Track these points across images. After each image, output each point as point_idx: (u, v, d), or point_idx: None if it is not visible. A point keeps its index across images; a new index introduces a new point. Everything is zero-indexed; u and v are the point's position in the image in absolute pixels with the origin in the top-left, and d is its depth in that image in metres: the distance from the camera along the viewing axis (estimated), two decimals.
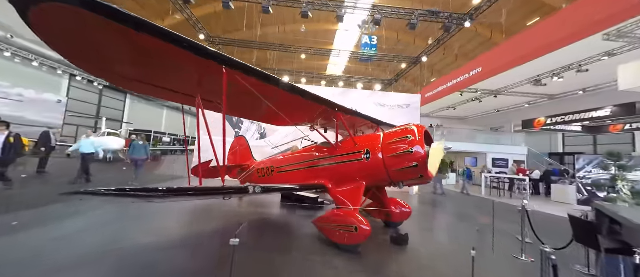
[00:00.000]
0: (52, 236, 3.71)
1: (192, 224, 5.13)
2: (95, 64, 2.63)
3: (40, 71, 19.06)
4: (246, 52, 27.74)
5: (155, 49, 2.40)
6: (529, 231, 4.34)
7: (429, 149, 3.99)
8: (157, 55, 2.54)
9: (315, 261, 3.45)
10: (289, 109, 4.20)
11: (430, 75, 26.93)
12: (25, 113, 17.11)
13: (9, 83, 16.08)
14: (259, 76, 3.05)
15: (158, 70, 2.80)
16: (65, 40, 2.23)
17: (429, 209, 8.20)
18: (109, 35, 2.16)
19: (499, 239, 4.55)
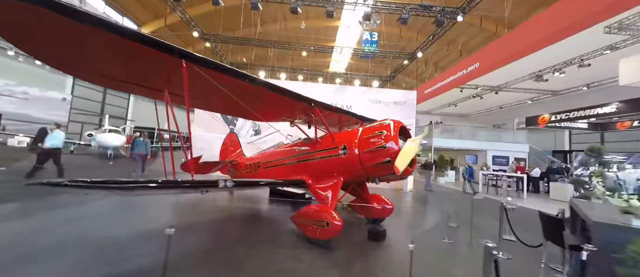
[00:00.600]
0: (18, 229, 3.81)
1: (175, 216, 5.18)
2: (59, 60, 2.66)
3: (43, 69, 19.49)
4: (245, 49, 27.84)
5: (113, 44, 2.42)
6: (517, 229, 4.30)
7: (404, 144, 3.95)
8: (117, 51, 2.56)
9: (285, 254, 3.46)
10: (264, 104, 4.20)
11: (434, 71, 26.59)
12: (30, 111, 17.60)
13: (13, 81, 16.51)
14: (220, 69, 3.05)
15: (123, 65, 2.82)
16: (25, 37, 2.26)
17: (419, 207, 8.13)
18: (62, 29, 2.18)
19: (478, 236, 4.47)
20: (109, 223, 4.38)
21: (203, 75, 2.97)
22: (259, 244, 3.82)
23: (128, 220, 4.65)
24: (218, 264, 3.07)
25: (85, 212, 4.81)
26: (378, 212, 5.23)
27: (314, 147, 4.90)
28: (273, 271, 2.97)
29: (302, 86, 12.21)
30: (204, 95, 3.49)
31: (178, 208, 5.75)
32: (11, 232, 3.59)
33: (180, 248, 3.47)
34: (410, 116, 11.51)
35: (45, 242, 3.35)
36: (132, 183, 2.71)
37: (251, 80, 3.38)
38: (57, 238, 3.50)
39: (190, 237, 3.96)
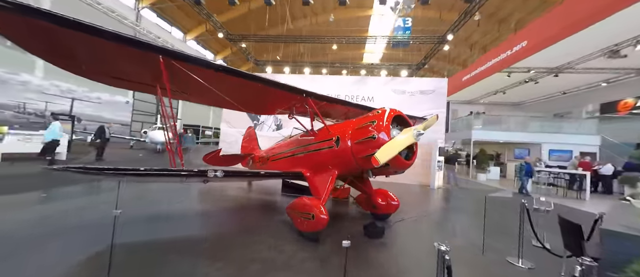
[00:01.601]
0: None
1: (183, 202, 5.60)
2: (59, 60, 3.04)
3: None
4: (277, 47, 28.59)
5: (99, 44, 2.69)
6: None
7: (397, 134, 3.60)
8: (104, 50, 2.84)
9: (269, 245, 3.48)
10: (256, 97, 4.25)
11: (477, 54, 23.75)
12: (102, 113, 21.11)
13: (88, 88, 19.86)
14: (198, 63, 3.16)
15: (113, 63, 3.12)
16: (27, 40, 2.66)
17: (441, 205, 7.41)
18: (51, 33, 2.50)
19: (509, 241, 3.85)
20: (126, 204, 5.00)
21: (184, 70, 3.12)
22: (248, 233, 3.93)
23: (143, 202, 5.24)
24: (199, 250, 3.24)
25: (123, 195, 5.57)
26: (382, 208, 4.92)
27: (310, 139, 4.81)
28: (248, 260, 3.02)
29: (314, 79, 12.10)
30: (194, 89, 3.67)
31: (193, 196, 6.24)
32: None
33: (171, 233, 3.77)
34: (439, 106, 10.50)
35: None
36: (122, 170, 3.02)
37: (232, 72, 3.43)
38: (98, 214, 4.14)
39: (186, 223, 4.28)
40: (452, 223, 5.40)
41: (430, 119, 3.96)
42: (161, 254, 3.08)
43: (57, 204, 4.78)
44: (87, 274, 2.59)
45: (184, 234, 3.81)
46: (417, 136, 3.55)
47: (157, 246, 3.34)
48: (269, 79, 3.81)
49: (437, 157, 9.71)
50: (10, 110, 15.38)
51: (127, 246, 3.08)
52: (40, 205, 4.64)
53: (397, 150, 3.33)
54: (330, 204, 6.18)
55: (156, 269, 2.72)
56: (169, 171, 3.42)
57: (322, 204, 3.77)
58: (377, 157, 3.18)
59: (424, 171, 10.21)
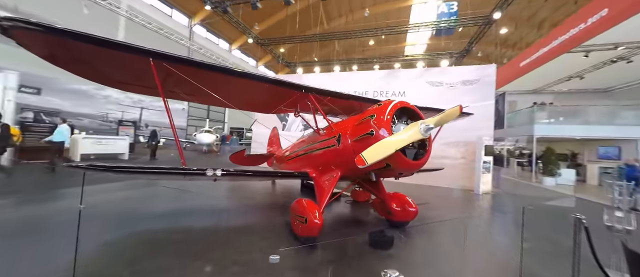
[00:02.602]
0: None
1: (199, 199, 5.89)
2: (71, 67, 3.42)
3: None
4: (312, 49, 28.81)
5: (95, 51, 2.94)
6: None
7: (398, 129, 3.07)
8: (102, 56, 3.09)
9: (259, 247, 3.32)
10: (255, 95, 4.17)
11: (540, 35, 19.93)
12: (165, 119, 24.53)
13: (153, 98, 23.28)
14: (188, 63, 3.19)
15: (114, 68, 3.39)
16: (41, 50, 3.04)
17: (480, 214, 6.25)
18: (61, 44, 2.81)
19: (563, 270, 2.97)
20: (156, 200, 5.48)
21: (174, 70, 3.20)
22: (245, 233, 3.86)
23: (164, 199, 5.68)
24: (186, 247, 3.26)
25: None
26: (397, 214, 4.34)
27: (316, 138, 4.54)
28: (230, 261, 2.91)
29: (341, 77, 11.57)
30: (195, 90, 3.77)
31: (214, 193, 6.54)
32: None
33: (170, 227, 3.92)
34: (485, 98, 9.04)
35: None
36: (118, 167, 3.25)
37: (220, 70, 3.40)
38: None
39: (189, 218, 4.45)
40: (487, 238, 4.45)
41: (448, 111, 3.29)
42: (146, 248, 3.20)
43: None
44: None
45: (181, 229, 3.94)
46: (425, 131, 2.97)
47: (146, 240, 3.50)
48: (261, 76, 3.67)
49: (483, 157, 8.33)
50: (97, 119, 19.15)
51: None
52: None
53: (391, 148, 2.81)
54: (347, 208, 5.79)
55: (130, 263, 2.81)
56: (167, 170, 3.58)
57: (318, 209, 3.46)
58: (363, 157, 2.74)
59: (467, 173, 8.91)
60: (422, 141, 3.35)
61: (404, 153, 3.14)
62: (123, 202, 5.30)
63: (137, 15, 20.03)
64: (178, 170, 3.59)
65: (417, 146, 3.46)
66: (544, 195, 9.20)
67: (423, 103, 6.19)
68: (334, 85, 11.11)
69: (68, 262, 2.34)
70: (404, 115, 3.51)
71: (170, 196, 6.14)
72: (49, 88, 16.84)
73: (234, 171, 3.94)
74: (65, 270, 2.37)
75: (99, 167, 3.11)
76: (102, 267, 2.74)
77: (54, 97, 17.59)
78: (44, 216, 4.23)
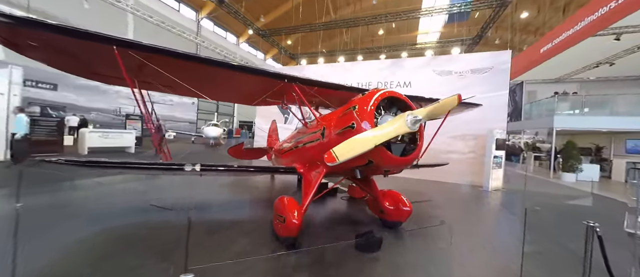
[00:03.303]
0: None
1: (190, 193, 5.81)
2: (38, 56, 3.29)
3: None
4: (325, 38, 28.10)
5: (63, 41, 2.79)
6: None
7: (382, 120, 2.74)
8: (72, 47, 2.94)
9: (233, 245, 3.15)
10: (236, 85, 3.93)
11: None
12: (174, 113, 25.05)
13: (160, 92, 23.75)
14: (154, 51, 2.97)
15: (87, 58, 3.24)
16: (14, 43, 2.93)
17: (486, 214, 5.80)
18: (22, 33, 2.68)
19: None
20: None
21: (147, 60, 3.00)
22: (225, 229, 3.69)
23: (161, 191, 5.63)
24: (156, 244, 3.13)
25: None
26: (390, 213, 4.03)
27: (304, 132, 4.27)
28: (195, 262, 2.74)
29: (344, 67, 11.04)
30: (169, 81, 3.58)
31: (208, 187, 6.46)
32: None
33: (141, 221, 3.80)
34: (498, 87, 8.38)
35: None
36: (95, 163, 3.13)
37: (196, 60, 3.17)
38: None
39: (170, 214, 4.35)
40: (490, 241, 4.05)
41: (444, 102, 2.91)
42: (117, 245, 3.09)
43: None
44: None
45: (155, 224, 3.82)
46: (412, 124, 2.62)
47: (118, 236, 3.39)
48: (239, 65, 3.40)
49: (494, 151, 7.76)
50: (110, 114, 19.79)
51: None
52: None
53: (370, 144, 2.48)
54: (342, 205, 5.52)
55: (96, 261, 2.70)
56: (141, 165, 3.45)
57: (299, 208, 3.22)
58: (334, 154, 2.43)
59: (476, 168, 8.37)
60: (412, 134, 3.01)
61: (389, 148, 2.82)
62: (110, 196, 5.31)
63: (143, 11, 20.21)
64: (154, 165, 3.46)
65: (408, 140, 3.12)
66: (560, 193, 8.52)
67: (431, 94, 5.77)
68: (336, 76, 10.76)
69: (21, 261, 2.23)
70: (393, 106, 3.16)
71: (163, 188, 6.13)
72: (65, 84, 17.48)
73: (213, 166, 3.76)
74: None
75: (67, 162, 2.98)
76: (67, 267, 2.65)
77: (69, 92, 18.28)
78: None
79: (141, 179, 6.92)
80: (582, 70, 16.26)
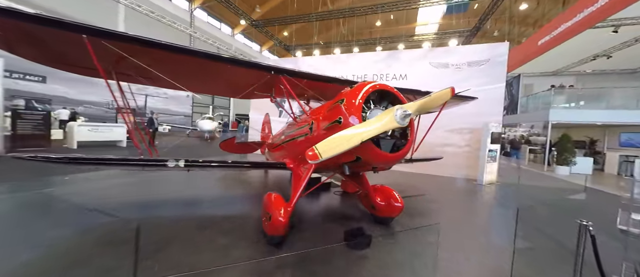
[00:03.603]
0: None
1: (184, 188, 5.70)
2: (17, 49, 3.11)
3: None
4: (311, 31, 27.55)
5: (39, 31, 2.61)
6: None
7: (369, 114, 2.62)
8: (44, 36, 2.75)
9: (222, 245, 3.05)
10: (221, 77, 3.76)
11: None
12: (169, 106, 24.64)
13: None
14: (128, 40, 2.79)
15: (60, 49, 3.05)
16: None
17: (479, 209, 5.77)
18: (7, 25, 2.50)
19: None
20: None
21: (121, 50, 2.83)
22: (208, 227, 3.58)
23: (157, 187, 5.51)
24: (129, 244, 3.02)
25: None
26: (381, 209, 3.96)
27: (293, 126, 4.14)
28: (174, 263, 2.64)
29: (339, 59, 10.81)
30: (148, 72, 3.40)
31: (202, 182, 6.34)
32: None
33: (127, 217, 3.68)
34: (495, 80, 8.27)
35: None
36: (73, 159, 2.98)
37: (176, 50, 2.99)
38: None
39: (158, 210, 4.23)
40: (481, 238, 4.00)
41: (436, 95, 2.81)
42: (96, 245, 2.98)
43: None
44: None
45: (143, 221, 3.70)
46: (402, 119, 2.50)
47: (99, 235, 3.27)
48: (222, 56, 3.23)
49: (489, 144, 7.71)
50: (103, 107, 19.38)
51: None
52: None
53: (355, 140, 2.36)
54: (335, 200, 5.44)
55: (70, 265, 2.59)
56: (119, 161, 3.33)
57: (285, 205, 3.12)
58: (317, 151, 2.31)
59: (471, 162, 8.34)
60: (402, 129, 2.90)
61: (378, 144, 2.70)
62: (98, 192, 5.16)
63: (134, 1, 19.58)
64: (134, 161, 3.33)
65: (399, 135, 3.01)
66: (554, 186, 8.54)
67: (427, 87, 5.63)
68: (331, 69, 10.56)
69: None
70: (383, 100, 3.03)
71: (149, 184, 6.00)
72: (55, 76, 16.97)
73: (198, 162, 3.63)
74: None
75: (33, 158, 2.83)
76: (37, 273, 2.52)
77: (59, 85, 17.81)
78: None
79: (133, 174, 6.76)
80: (579, 63, 16.15)
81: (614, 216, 3.18)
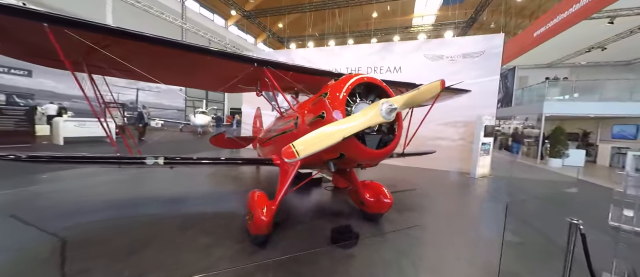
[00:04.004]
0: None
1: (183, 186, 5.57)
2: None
3: None
4: (306, 23, 26.96)
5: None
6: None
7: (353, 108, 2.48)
8: (8, 25, 2.54)
9: (205, 245, 2.94)
10: (201, 70, 3.57)
11: None
12: (162, 100, 24.14)
13: None
14: (94, 30, 2.59)
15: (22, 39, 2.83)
16: None
17: (470, 203, 5.73)
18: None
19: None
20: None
21: (87, 40, 2.63)
22: (198, 225, 3.47)
23: None
24: (116, 245, 2.90)
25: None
26: (370, 205, 3.86)
27: (279, 121, 3.99)
28: (148, 263, 2.52)
29: (332, 51, 10.56)
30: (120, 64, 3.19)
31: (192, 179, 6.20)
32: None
33: (107, 217, 3.54)
34: (491, 72, 8.16)
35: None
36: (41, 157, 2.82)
37: (147, 40, 2.79)
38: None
39: (141, 208, 4.10)
40: (469, 232, 3.94)
41: (425, 88, 2.67)
42: (73, 247, 2.85)
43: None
44: None
45: (122, 221, 3.57)
46: (387, 113, 2.37)
47: (76, 235, 3.14)
48: (200, 47, 3.03)
49: (482, 138, 7.65)
50: (94, 102, 18.90)
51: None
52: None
53: (337, 136, 2.22)
54: (325, 195, 5.34)
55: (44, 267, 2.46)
56: (94, 159, 3.16)
57: (268, 204, 3.00)
58: (294, 149, 2.15)
59: (465, 155, 8.30)
60: (390, 124, 2.77)
61: (362, 140, 2.58)
62: (84, 189, 5.01)
63: None
64: (109, 158, 3.17)
65: (386, 130, 2.89)
66: (547, 178, 8.56)
67: (421, 80, 5.47)
68: (324, 61, 10.32)
69: None
70: (371, 93, 2.90)
71: (138, 181, 5.84)
72: (42, 70, 16.41)
73: (178, 159, 3.48)
74: None
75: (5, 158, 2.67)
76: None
77: (46, 79, 17.26)
78: None
79: (123, 171, 6.56)
80: (574, 55, 16.11)
81: (605, 210, 3.14)
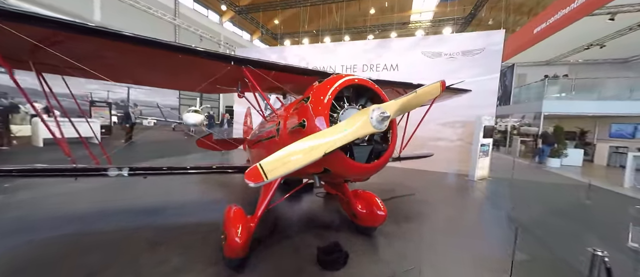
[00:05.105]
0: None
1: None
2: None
3: None
4: (300, 20, 26.39)
5: None
6: None
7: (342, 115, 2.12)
8: None
9: (177, 262, 2.60)
10: (171, 68, 3.18)
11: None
12: (154, 98, 23.50)
13: None
14: (40, 23, 2.18)
15: None
16: None
17: (469, 209, 5.44)
18: None
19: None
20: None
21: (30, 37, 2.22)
22: (172, 241, 3.11)
23: None
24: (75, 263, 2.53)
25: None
26: (363, 217, 3.53)
27: (263, 125, 3.62)
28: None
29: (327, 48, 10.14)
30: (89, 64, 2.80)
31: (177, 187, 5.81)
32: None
33: (75, 231, 3.17)
34: (490, 70, 7.84)
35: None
36: None
37: (106, 35, 2.39)
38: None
39: (113, 220, 3.75)
40: (473, 248, 3.63)
41: (423, 90, 2.32)
42: (32, 264, 2.48)
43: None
44: None
45: (90, 237, 3.20)
46: (379, 122, 2.01)
47: (37, 249, 2.77)
48: (169, 43, 2.62)
49: (481, 139, 7.35)
50: (80, 100, 18.30)
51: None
52: None
53: (316, 153, 1.84)
54: (316, 204, 4.99)
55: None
56: (46, 171, 2.78)
57: (245, 222, 2.64)
58: (261, 170, 1.70)
59: (463, 156, 8.02)
60: (382, 132, 2.42)
61: (350, 152, 2.22)
62: (54, 198, 4.62)
63: None
64: (64, 170, 2.79)
65: (379, 138, 2.54)
66: (547, 181, 8.31)
67: (419, 78, 5.15)
68: (319, 59, 9.92)
69: None
70: (361, 97, 2.54)
71: (115, 189, 5.44)
72: None
73: (144, 170, 3.10)
74: None
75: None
76: None
77: (28, 76, 16.61)
78: None
79: (100, 178, 6.14)
80: (573, 52, 15.89)
81: (618, 222, 2.84)
